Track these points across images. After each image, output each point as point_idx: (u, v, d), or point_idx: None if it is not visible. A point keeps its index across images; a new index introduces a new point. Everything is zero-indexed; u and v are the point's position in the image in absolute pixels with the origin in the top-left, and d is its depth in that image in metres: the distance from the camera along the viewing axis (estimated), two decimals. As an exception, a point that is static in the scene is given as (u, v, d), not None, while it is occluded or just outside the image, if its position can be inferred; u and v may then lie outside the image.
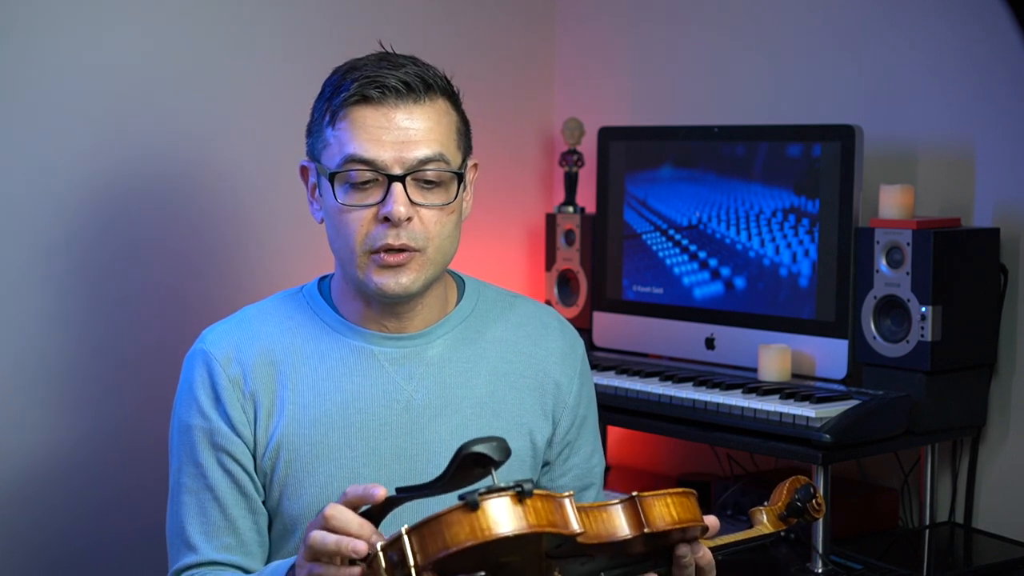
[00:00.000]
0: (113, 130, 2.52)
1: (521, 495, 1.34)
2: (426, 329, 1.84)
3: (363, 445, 1.77)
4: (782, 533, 1.76)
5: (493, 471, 1.37)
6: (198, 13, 2.62)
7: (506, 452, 1.37)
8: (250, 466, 1.78)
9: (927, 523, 2.47)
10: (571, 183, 3.01)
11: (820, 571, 2.25)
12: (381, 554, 1.37)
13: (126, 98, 2.53)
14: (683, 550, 1.57)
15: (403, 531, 1.35)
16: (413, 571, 1.33)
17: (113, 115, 2.52)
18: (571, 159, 3.01)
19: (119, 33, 2.52)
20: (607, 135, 2.87)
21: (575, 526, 1.39)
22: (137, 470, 2.54)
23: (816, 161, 2.49)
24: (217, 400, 1.77)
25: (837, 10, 2.71)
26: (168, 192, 2.60)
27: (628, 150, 2.83)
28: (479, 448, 1.35)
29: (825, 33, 2.73)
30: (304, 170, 1.84)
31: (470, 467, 1.37)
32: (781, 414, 2.29)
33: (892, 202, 2.39)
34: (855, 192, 2.43)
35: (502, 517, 1.33)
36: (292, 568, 1.56)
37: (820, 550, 2.25)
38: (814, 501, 1.73)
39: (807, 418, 2.25)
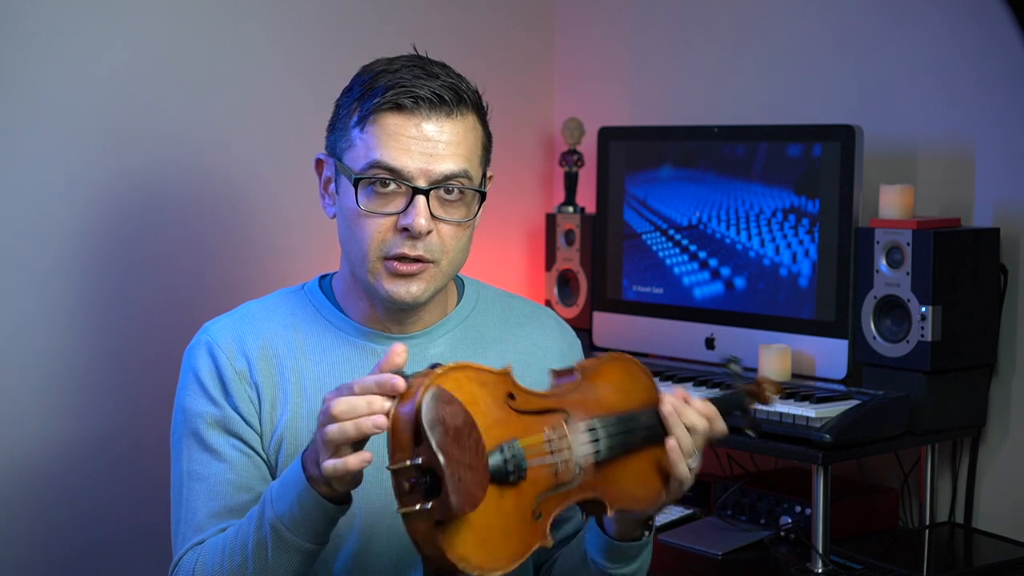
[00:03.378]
0: (121, 134, 2.52)
1: (434, 365, 1.49)
2: (427, 328, 1.84)
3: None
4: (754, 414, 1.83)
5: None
6: (205, 17, 2.62)
7: None
8: (261, 452, 1.78)
9: (927, 523, 2.47)
10: (571, 183, 3.02)
11: (820, 571, 2.25)
12: (405, 510, 1.42)
13: (132, 102, 2.53)
14: (667, 409, 1.63)
15: (387, 469, 1.43)
16: (414, 462, 1.40)
17: (121, 119, 2.52)
18: (571, 159, 3.01)
19: (127, 37, 2.52)
20: (607, 135, 2.87)
21: (492, 369, 1.53)
22: (140, 469, 2.54)
23: (816, 161, 2.49)
24: (226, 391, 1.76)
25: (836, 10, 2.71)
26: (172, 194, 2.60)
27: (628, 150, 2.83)
28: None
29: (824, 33, 2.73)
30: (320, 163, 1.83)
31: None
32: (781, 414, 2.29)
33: (892, 202, 2.39)
34: (855, 192, 2.43)
35: (423, 379, 1.47)
36: (303, 463, 1.58)
37: (820, 550, 2.25)
38: (760, 380, 1.82)
39: (807, 418, 2.25)
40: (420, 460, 1.39)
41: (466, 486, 1.38)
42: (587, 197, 3.00)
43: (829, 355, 2.47)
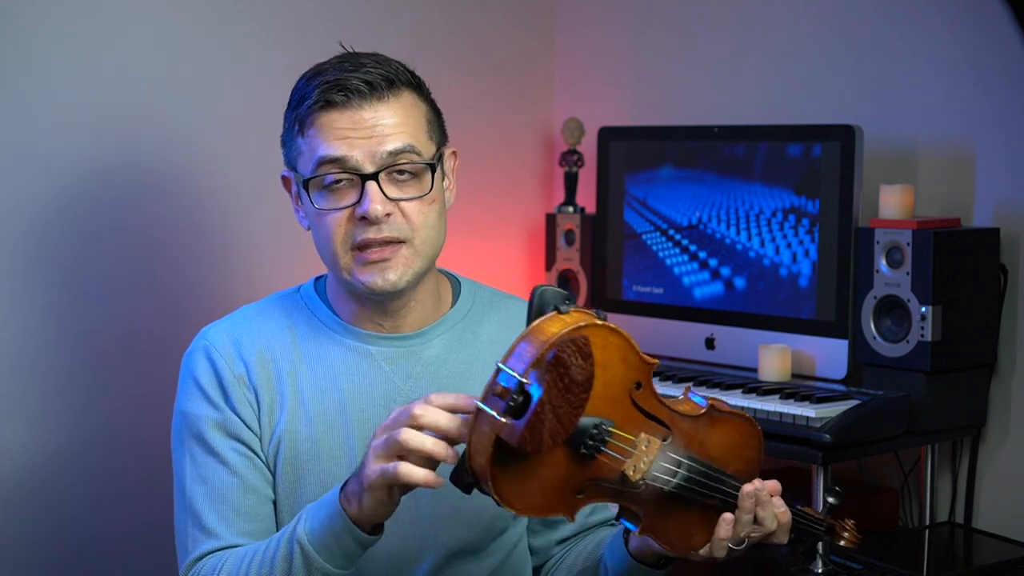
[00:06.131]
0: (108, 131, 2.52)
1: (601, 315, 1.51)
2: (423, 329, 1.84)
3: (361, 443, 1.77)
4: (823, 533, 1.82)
5: (567, 302, 1.50)
6: (203, 19, 2.63)
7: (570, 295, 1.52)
8: (261, 455, 1.78)
9: (927, 523, 2.47)
10: (571, 183, 3.02)
11: (820, 571, 2.25)
12: (483, 405, 1.43)
13: (121, 99, 2.54)
14: (748, 489, 1.62)
15: (496, 364, 1.44)
16: (522, 379, 1.40)
17: (109, 116, 2.52)
18: (571, 159, 3.01)
19: (116, 36, 2.52)
20: (607, 135, 2.87)
21: (645, 355, 1.54)
22: (138, 469, 2.55)
23: (816, 161, 2.49)
24: (225, 395, 1.77)
25: (836, 10, 2.71)
26: (168, 192, 2.60)
27: (628, 150, 2.83)
28: (547, 287, 1.51)
29: (825, 33, 2.73)
30: (286, 180, 1.85)
31: (543, 311, 1.49)
32: (781, 414, 2.29)
33: (892, 202, 2.39)
34: (855, 192, 2.43)
35: (585, 318, 1.47)
36: (343, 491, 1.59)
37: (820, 550, 2.25)
38: (844, 521, 1.82)
39: (807, 418, 2.25)
40: (525, 380, 1.41)
41: (543, 431, 1.40)
42: (587, 197, 3.00)
43: (829, 355, 2.47)
